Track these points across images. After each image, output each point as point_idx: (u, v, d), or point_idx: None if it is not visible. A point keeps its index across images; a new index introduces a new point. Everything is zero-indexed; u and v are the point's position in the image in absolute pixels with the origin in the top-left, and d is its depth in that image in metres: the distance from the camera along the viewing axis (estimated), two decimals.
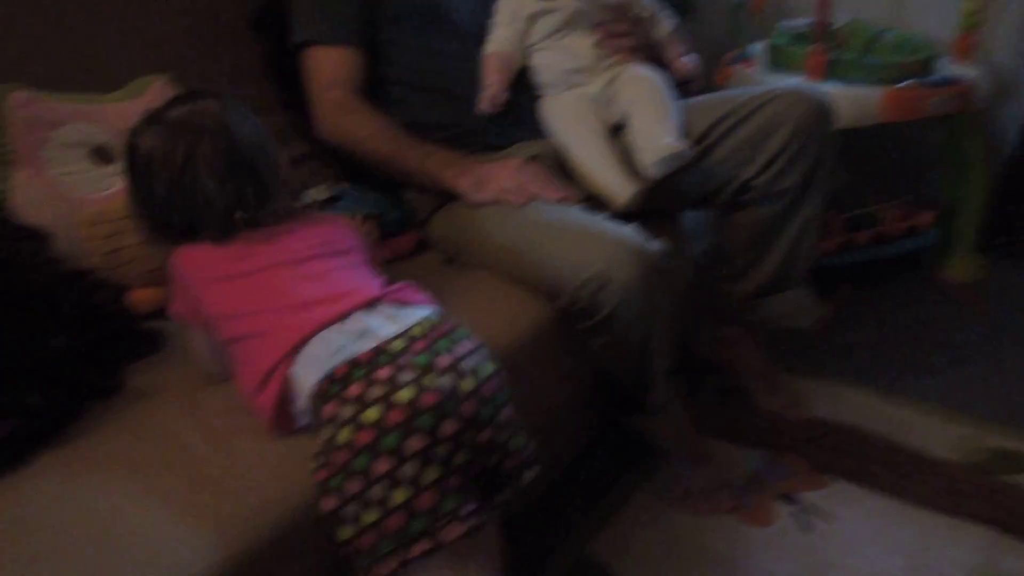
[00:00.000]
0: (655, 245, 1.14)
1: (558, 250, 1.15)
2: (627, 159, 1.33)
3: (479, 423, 0.85)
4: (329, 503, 0.81)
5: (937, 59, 1.77)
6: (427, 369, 0.83)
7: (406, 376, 0.82)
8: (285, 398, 0.88)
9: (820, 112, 1.34)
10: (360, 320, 0.88)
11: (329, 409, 0.83)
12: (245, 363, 0.91)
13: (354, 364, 0.84)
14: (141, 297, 1.14)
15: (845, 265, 1.90)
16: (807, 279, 1.47)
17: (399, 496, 0.80)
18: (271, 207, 0.97)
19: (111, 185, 1.16)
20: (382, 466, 0.79)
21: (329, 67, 1.36)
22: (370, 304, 0.91)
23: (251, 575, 0.77)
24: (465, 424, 0.83)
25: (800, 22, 1.92)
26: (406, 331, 0.87)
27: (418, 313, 0.91)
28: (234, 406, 0.92)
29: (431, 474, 0.81)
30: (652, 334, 1.17)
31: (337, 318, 0.88)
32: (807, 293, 1.48)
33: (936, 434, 1.50)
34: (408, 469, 0.80)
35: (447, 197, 1.31)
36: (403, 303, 0.93)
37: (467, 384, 0.85)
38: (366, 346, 0.85)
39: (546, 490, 1.26)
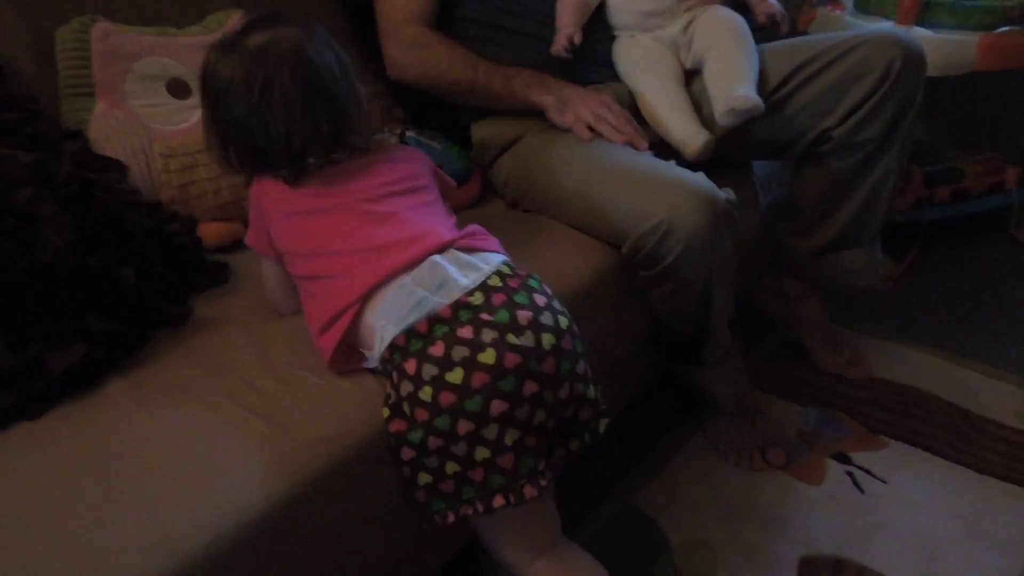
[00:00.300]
0: (723, 194, 1.12)
1: (625, 196, 1.13)
2: (701, 106, 1.29)
3: (559, 379, 0.86)
4: (408, 453, 0.84)
5: None
6: (509, 327, 0.83)
7: (488, 335, 0.82)
8: (350, 341, 0.89)
9: (913, 58, 1.27)
10: (436, 267, 0.87)
11: (410, 365, 0.83)
12: (313, 302, 0.92)
13: (436, 320, 0.83)
14: (210, 231, 1.17)
15: (921, 222, 1.83)
16: (878, 237, 1.42)
17: (480, 454, 0.82)
18: (350, 142, 0.95)
19: (187, 119, 1.19)
20: (464, 427, 0.81)
21: (403, 2, 1.34)
22: (442, 248, 0.90)
23: (306, 510, 0.79)
24: (545, 382, 0.84)
25: None
26: (484, 282, 0.86)
27: (492, 260, 0.90)
28: (298, 340, 0.95)
29: (512, 435, 0.82)
30: (715, 285, 1.15)
31: (410, 264, 0.87)
32: (878, 250, 1.43)
33: (1002, 400, 1.46)
34: (490, 431, 0.82)
35: (514, 140, 1.30)
36: (474, 249, 0.92)
37: (547, 340, 0.85)
38: (446, 299, 0.85)
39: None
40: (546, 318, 0.86)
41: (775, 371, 1.56)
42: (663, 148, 1.25)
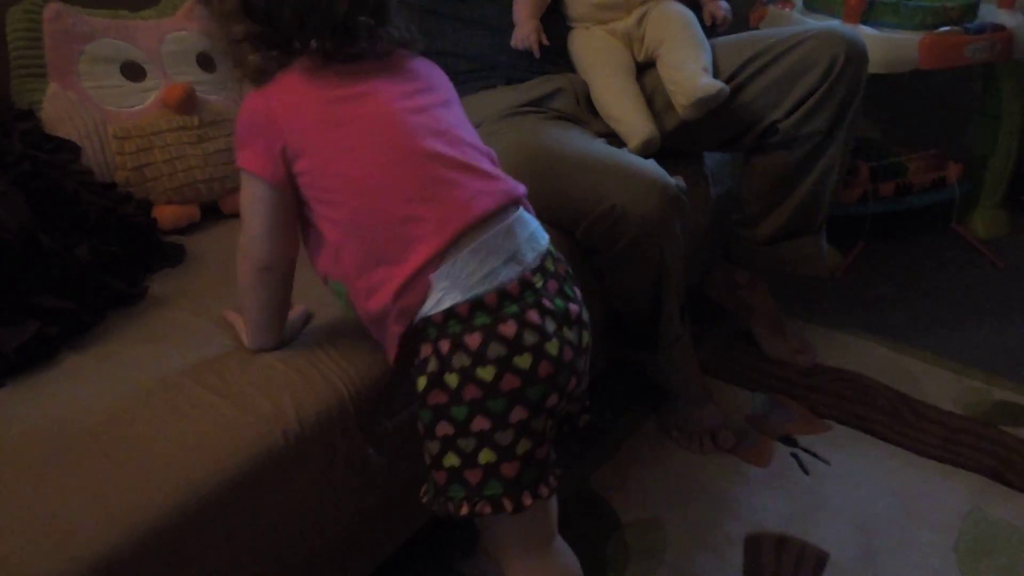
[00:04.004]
0: (674, 180, 1.15)
1: (578, 181, 1.15)
2: (652, 100, 1.32)
3: (573, 376, 0.82)
4: (444, 429, 0.79)
5: (978, 6, 1.73)
6: (563, 319, 0.80)
7: (551, 325, 0.79)
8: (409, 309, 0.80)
9: (855, 53, 1.31)
10: (511, 235, 0.81)
11: (473, 339, 0.77)
12: (359, 245, 0.81)
13: (504, 295, 0.78)
14: (165, 213, 1.17)
15: (867, 215, 1.89)
16: (823, 227, 1.47)
17: (485, 456, 0.78)
18: (387, 30, 0.83)
19: (142, 101, 1.19)
20: (479, 424, 0.77)
21: None
22: (517, 203, 0.84)
23: (259, 487, 0.80)
24: (564, 390, 0.81)
25: None
26: (542, 264, 0.82)
27: (540, 238, 0.85)
28: None
29: (523, 446, 0.79)
30: (665, 270, 1.18)
31: (490, 215, 0.80)
32: (823, 240, 1.48)
33: (942, 387, 1.51)
34: (503, 436, 0.78)
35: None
36: (528, 208, 0.87)
37: (586, 338, 0.84)
38: (512, 274, 0.79)
39: None
40: (585, 314, 0.85)
41: (725, 358, 1.60)
42: (614, 140, 1.28)
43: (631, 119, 1.28)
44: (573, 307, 0.83)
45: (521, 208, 0.85)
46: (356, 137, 0.80)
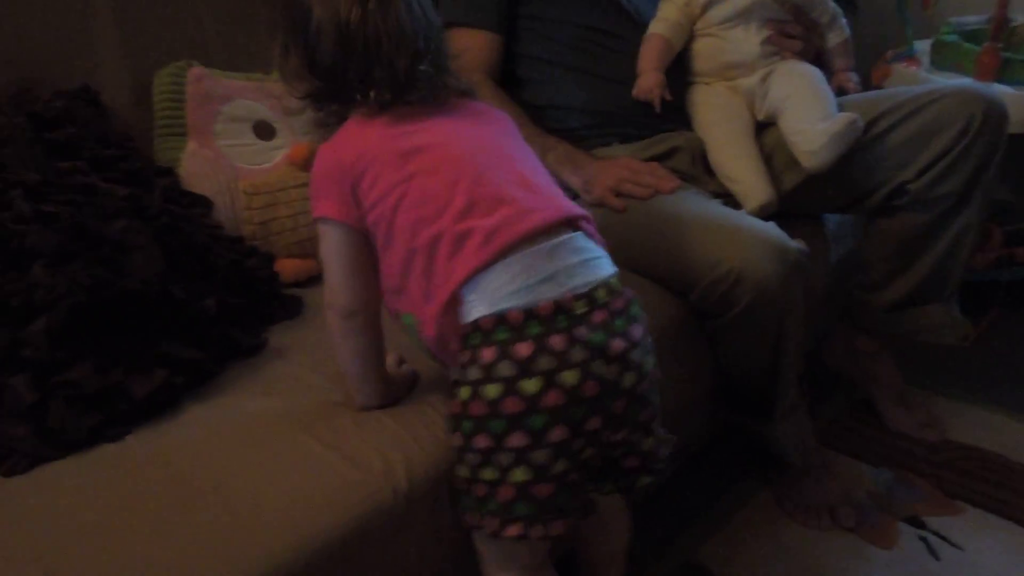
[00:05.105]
0: (794, 244, 1.11)
1: (694, 243, 1.13)
2: (771, 160, 1.29)
3: (621, 421, 0.81)
4: (456, 439, 0.81)
5: None
6: (599, 352, 0.77)
7: (579, 354, 0.76)
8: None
9: (994, 112, 1.24)
10: (556, 255, 0.80)
11: (488, 353, 0.77)
12: (419, 276, 0.81)
13: (531, 315, 0.77)
14: (287, 266, 1.22)
15: (1000, 282, 1.78)
16: (955, 294, 1.38)
17: (518, 475, 0.78)
18: (444, 79, 0.87)
19: (271, 159, 1.25)
20: (516, 440, 0.77)
21: (467, 50, 1.37)
22: (568, 223, 0.83)
23: (370, 545, 0.80)
24: (609, 421, 0.80)
25: (972, 19, 1.79)
26: (590, 292, 0.79)
27: (604, 267, 0.83)
28: None
29: (558, 466, 0.78)
30: (784, 337, 1.14)
31: (534, 233, 0.79)
32: (955, 308, 1.39)
33: None
34: (539, 455, 0.77)
35: None
36: (591, 238, 0.85)
37: (629, 380, 0.80)
38: (549, 294, 0.78)
39: (662, 487, 1.25)
40: (636, 354, 0.81)
41: (844, 429, 1.52)
42: (730, 201, 1.25)
43: (749, 180, 1.25)
44: (616, 343, 0.79)
45: (578, 233, 0.84)
46: (417, 163, 0.82)
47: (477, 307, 0.78)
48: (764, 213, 1.21)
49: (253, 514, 0.77)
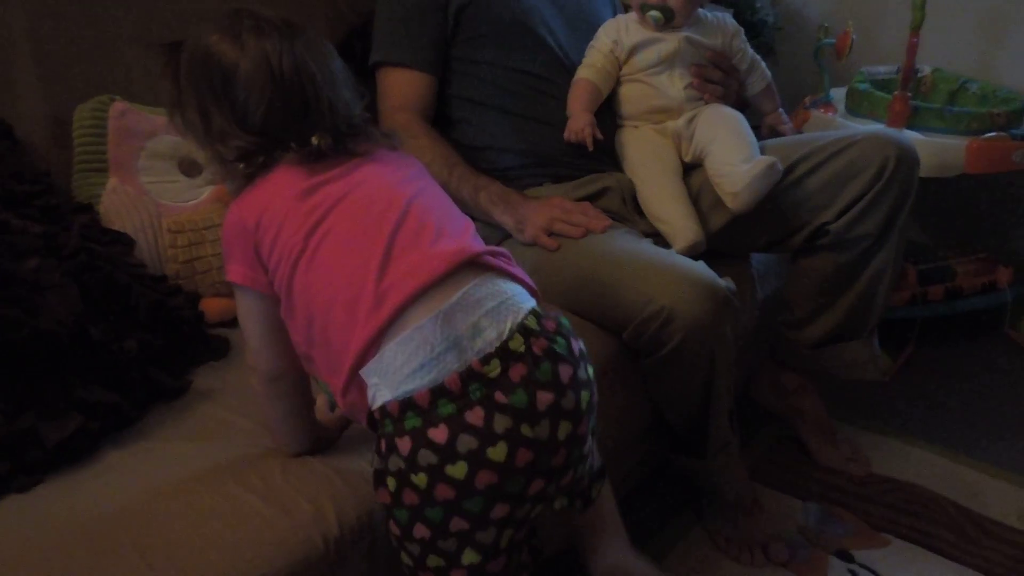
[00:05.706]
0: (723, 282, 1.13)
1: (626, 282, 1.14)
2: (698, 200, 1.32)
3: (566, 468, 0.77)
4: (395, 529, 0.77)
5: None
6: (525, 413, 0.72)
7: (501, 424, 0.71)
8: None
9: (907, 156, 1.30)
10: (457, 317, 0.74)
11: (403, 444, 0.72)
12: (322, 351, 0.78)
13: (440, 393, 0.71)
14: (213, 305, 1.18)
15: (916, 319, 1.85)
16: (875, 330, 1.43)
17: (468, 557, 0.75)
18: (361, 129, 0.85)
19: (197, 196, 1.21)
20: (457, 525, 0.73)
21: (399, 89, 1.38)
22: (472, 263, 0.77)
23: None
24: (553, 475, 0.76)
25: (883, 69, 1.89)
26: (504, 345, 0.73)
27: (517, 306, 0.77)
28: None
29: (507, 536, 0.76)
30: (715, 374, 1.15)
31: (440, 278, 0.74)
32: (874, 345, 1.44)
33: (1004, 500, 1.44)
34: (485, 536, 0.74)
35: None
36: (504, 273, 0.80)
37: (564, 430, 0.75)
38: (455, 364, 0.72)
39: None
40: (568, 400, 0.75)
41: (773, 465, 1.54)
42: (660, 240, 1.27)
43: (677, 221, 1.27)
44: (543, 396, 0.73)
45: (482, 276, 0.77)
46: (318, 218, 0.78)
47: (381, 391, 0.74)
48: (693, 252, 1.24)
49: (173, 566, 0.73)
